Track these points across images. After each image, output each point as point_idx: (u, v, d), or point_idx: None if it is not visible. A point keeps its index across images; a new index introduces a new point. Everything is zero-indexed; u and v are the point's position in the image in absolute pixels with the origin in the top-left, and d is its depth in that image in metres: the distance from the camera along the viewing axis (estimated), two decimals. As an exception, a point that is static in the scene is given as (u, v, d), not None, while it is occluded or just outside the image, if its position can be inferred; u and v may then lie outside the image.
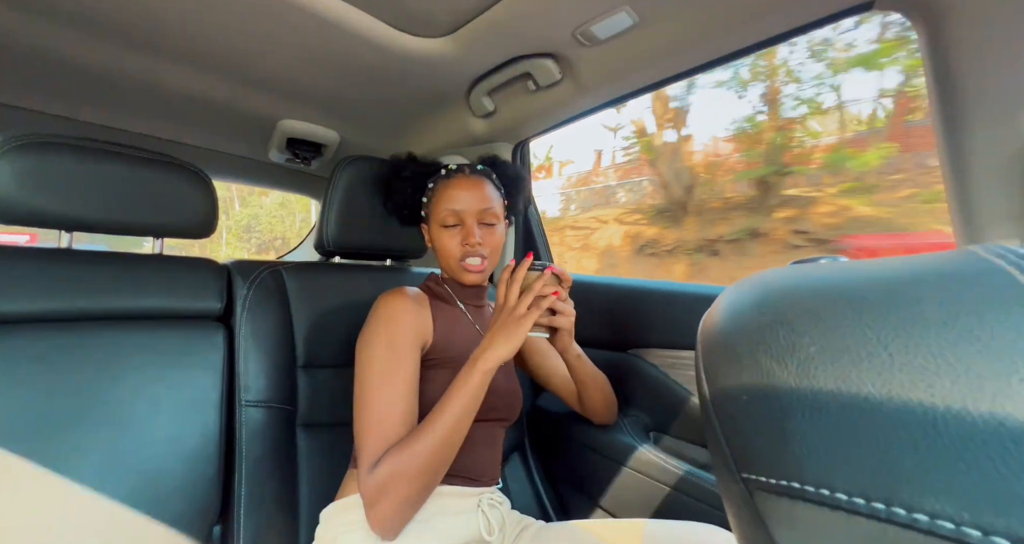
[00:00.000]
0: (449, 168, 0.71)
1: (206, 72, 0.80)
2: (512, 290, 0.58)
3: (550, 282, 0.61)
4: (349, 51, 0.73)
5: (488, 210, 0.68)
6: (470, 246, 0.66)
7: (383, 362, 0.57)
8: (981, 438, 0.12)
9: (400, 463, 0.50)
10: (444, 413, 0.53)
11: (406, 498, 0.50)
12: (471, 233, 0.66)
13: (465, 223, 0.67)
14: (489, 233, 0.68)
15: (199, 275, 0.69)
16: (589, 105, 0.89)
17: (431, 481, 0.52)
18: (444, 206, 0.68)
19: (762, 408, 0.17)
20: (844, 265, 0.20)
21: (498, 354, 0.55)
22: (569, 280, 0.63)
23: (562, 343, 0.67)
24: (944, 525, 0.12)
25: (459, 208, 0.67)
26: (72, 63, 0.75)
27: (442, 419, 0.52)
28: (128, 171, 0.63)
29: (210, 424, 0.63)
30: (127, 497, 0.55)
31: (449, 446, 0.53)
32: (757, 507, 0.17)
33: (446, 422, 0.52)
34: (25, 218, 0.57)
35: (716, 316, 0.21)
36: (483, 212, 0.67)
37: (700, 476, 0.70)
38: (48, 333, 0.56)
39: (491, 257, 0.69)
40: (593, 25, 0.65)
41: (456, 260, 0.67)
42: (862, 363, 0.15)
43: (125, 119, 0.96)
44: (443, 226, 0.68)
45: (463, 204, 0.67)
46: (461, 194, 0.67)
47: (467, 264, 0.67)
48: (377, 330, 0.60)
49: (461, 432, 0.54)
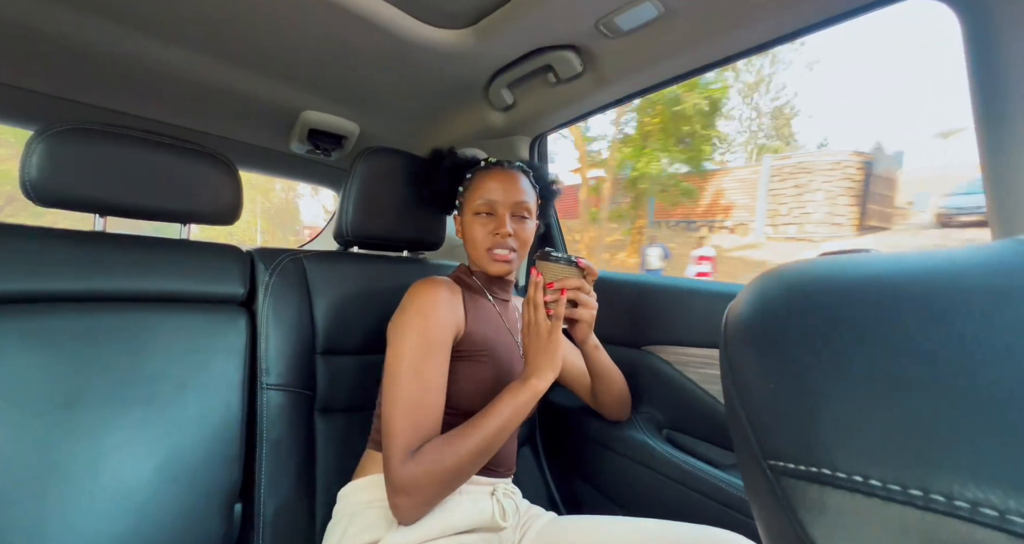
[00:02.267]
0: (488, 160, 0.73)
1: (231, 63, 0.81)
2: (539, 314, 0.59)
3: (573, 274, 0.62)
4: (371, 41, 0.74)
5: (522, 203, 0.69)
6: (500, 237, 0.67)
7: (417, 351, 0.57)
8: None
9: (439, 461, 0.51)
10: (489, 421, 0.55)
11: (438, 492, 0.52)
12: (503, 223, 0.67)
13: (498, 213, 0.68)
14: (520, 226, 0.69)
15: (224, 261, 0.70)
16: (609, 98, 0.88)
17: (460, 481, 0.54)
18: (479, 195, 0.69)
19: (792, 396, 0.17)
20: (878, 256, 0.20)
21: (547, 378, 0.58)
22: (595, 273, 0.64)
23: (581, 334, 0.67)
24: (987, 512, 0.12)
25: (494, 198, 0.68)
26: (105, 54, 0.77)
27: (486, 426, 0.54)
28: (158, 158, 0.65)
29: (232, 405, 0.65)
30: (152, 473, 0.57)
31: (487, 453, 0.55)
32: (784, 494, 0.17)
33: (489, 430, 0.54)
34: (61, 201, 0.60)
35: (743, 306, 0.21)
36: (517, 205, 0.69)
37: (713, 474, 0.69)
38: (81, 312, 0.58)
39: (520, 250, 0.70)
40: (617, 16, 0.64)
41: (485, 249, 0.68)
42: (901, 352, 0.14)
43: (154, 109, 0.98)
44: (476, 214, 0.69)
45: (498, 195, 0.68)
46: (497, 185, 0.69)
47: (495, 253, 0.68)
48: (412, 319, 0.60)
49: (500, 442, 0.56)
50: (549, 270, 0.62)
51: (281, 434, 0.66)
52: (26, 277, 0.56)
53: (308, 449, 0.70)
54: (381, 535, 0.55)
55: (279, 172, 1.40)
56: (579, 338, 0.68)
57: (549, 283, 0.61)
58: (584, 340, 0.68)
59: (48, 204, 0.59)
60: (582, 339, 0.68)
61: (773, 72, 10.75)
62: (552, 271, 0.62)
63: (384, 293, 0.80)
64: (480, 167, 0.73)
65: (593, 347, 0.70)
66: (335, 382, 0.74)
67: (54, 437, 0.52)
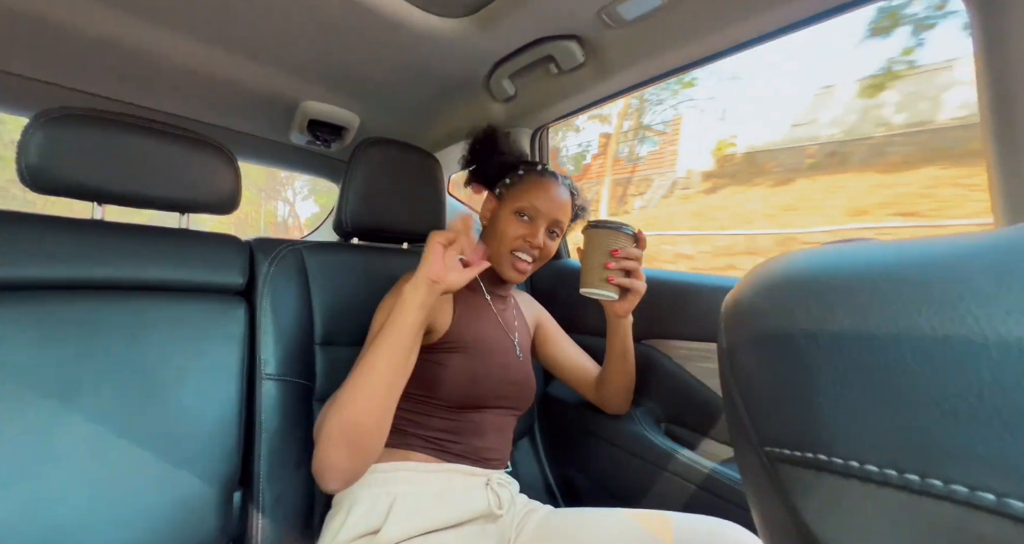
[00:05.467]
0: (547, 167, 0.74)
1: (232, 52, 0.81)
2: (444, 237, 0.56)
3: (630, 242, 0.63)
4: (372, 30, 0.73)
5: (559, 222, 0.71)
6: (530, 246, 0.68)
7: (376, 330, 0.60)
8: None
9: (333, 406, 0.50)
10: (370, 352, 0.52)
11: (342, 443, 0.49)
12: (537, 233, 0.68)
13: (536, 222, 0.69)
14: (550, 242, 0.71)
15: (223, 250, 0.70)
16: (611, 90, 0.87)
17: (368, 427, 0.50)
18: (529, 198, 0.69)
19: (789, 382, 0.17)
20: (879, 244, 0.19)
21: (418, 286, 0.53)
22: (645, 244, 0.64)
23: (628, 305, 0.66)
24: (985, 496, 0.12)
25: (541, 207, 0.68)
26: (104, 42, 0.76)
27: (367, 359, 0.51)
28: (157, 146, 0.64)
29: (231, 395, 0.65)
30: (151, 461, 0.57)
31: (379, 384, 0.50)
32: (779, 480, 0.17)
33: (369, 359, 0.51)
34: (59, 189, 0.59)
35: (742, 294, 0.21)
36: (555, 222, 0.70)
37: (711, 467, 0.69)
38: (80, 300, 0.58)
39: (538, 264, 0.71)
40: (620, 5, 0.63)
41: (510, 249, 0.69)
42: (901, 336, 0.14)
43: (153, 98, 0.98)
44: (516, 213, 0.69)
45: (546, 205, 0.69)
46: (549, 195, 0.69)
47: (518, 257, 0.69)
48: (385, 305, 0.63)
49: (391, 370, 0.51)
50: (606, 237, 0.62)
51: (280, 424, 0.67)
52: (26, 264, 0.56)
53: (307, 438, 0.70)
54: (380, 524, 0.55)
55: (278, 163, 1.39)
56: (623, 310, 0.67)
57: (614, 250, 0.62)
58: (626, 313, 0.68)
59: (45, 191, 0.59)
60: (624, 312, 0.68)
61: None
62: (609, 238, 0.62)
63: (383, 284, 0.80)
64: (537, 170, 0.73)
65: (628, 324, 0.71)
66: (334, 373, 0.74)
67: (53, 424, 0.53)
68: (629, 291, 0.65)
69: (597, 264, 0.63)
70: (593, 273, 0.64)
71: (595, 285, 0.63)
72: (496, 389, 0.65)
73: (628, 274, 0.63)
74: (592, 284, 0.64)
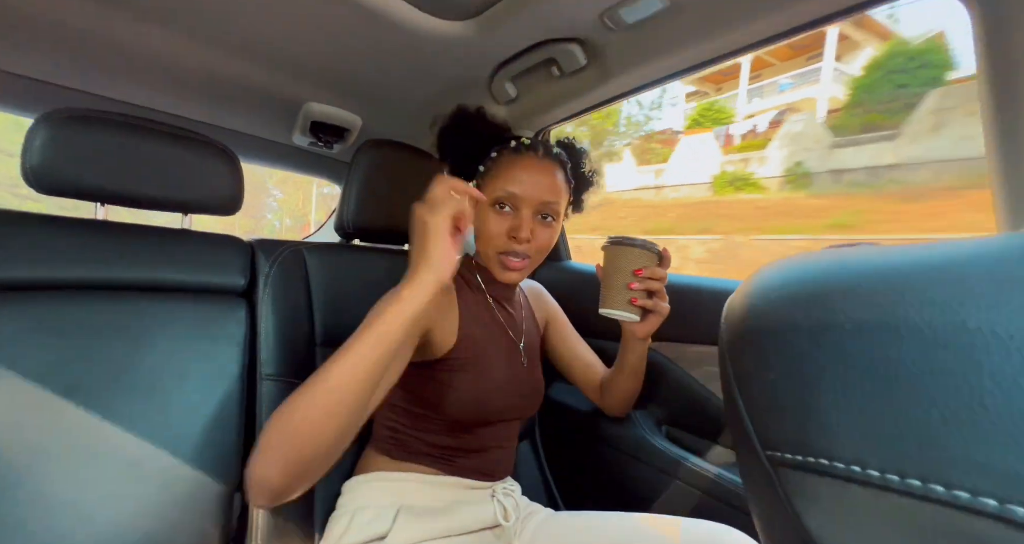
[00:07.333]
0: (522, 142, 0.60)
1: (235, 54, 0.81)
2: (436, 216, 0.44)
3: (652, 261, 0.58)
4: (374, 32, 0.73)
5: (549, 204, 0.58)
6: (516, 241, 0.57)
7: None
8: None
9: (281, 411, 0.39)
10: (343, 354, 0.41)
11: (286, 442, 0.37)
12: (523, 225, 0.57)
13: (520, 211, 0.57)
14: (543, 230, 0.59)
15: (224, 251, 0.70)
16: (613, 92, 0.87)
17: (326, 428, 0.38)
18: (502, 185, 0.57)
19: (790, 386, 0.17)
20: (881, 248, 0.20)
21: (421, 280, 0.43)
22: (670, 263, 0.59)
23: (650, 327, 0.61)
24: (987, 502, 0.12)
25: (519, 192, 0.57)
26: (109, 44, 0.77)
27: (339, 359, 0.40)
28: (160, 148, 0.64)
29: (232, 395, 0.65)
30: (151, 461, 0.57)
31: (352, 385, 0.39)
32: (781, 485, 0.17)
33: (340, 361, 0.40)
34: (62, 189, 0.59)
35: (743, 297, 0.21)
36: (544, 204, 0.58)
37: (712, 471, 0.69)
38: (82, 301, 0.58)
39: (535, 257, 0.60)
40: (622, 8, 0.64)
41: (495, 251, 0.59)
42: (902, 340, 0.14)
43: (157, 99, 0.98)
44: (496, 205, 0.58)
45: (525, 189, 0.57)
46: (525, 177, 0.57)
47: (506, 260, 0.59)
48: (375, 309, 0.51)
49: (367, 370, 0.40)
50: (629, 254, 0.58)
51: None
52: (27, 265, 0.56)
53: None
54: (386, 531, 0.55)
55: (280, 164, 1.39)
56: (643, 332, 0.62)
57: (638, 270, 0.57)
58: (648, 335, 0.62)
59: (49, 192, 0.59)
60: (645, 334, 0.62)
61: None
62: (633, 257, 0.58)
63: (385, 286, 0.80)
64: (509, 147, 0.60)
65: (647, 344, 0.66)
66: None
67: (54, 424, 0.53)
68: (651, 313, 0.60)
69: (619, 284, 0.58)
70: (615, 293, 0.59)
71: (617, 306, 0.59)
72: (503, 405, 0.62)
73: (651, 295, 0.58)
74: (614, 305, 0.59)
